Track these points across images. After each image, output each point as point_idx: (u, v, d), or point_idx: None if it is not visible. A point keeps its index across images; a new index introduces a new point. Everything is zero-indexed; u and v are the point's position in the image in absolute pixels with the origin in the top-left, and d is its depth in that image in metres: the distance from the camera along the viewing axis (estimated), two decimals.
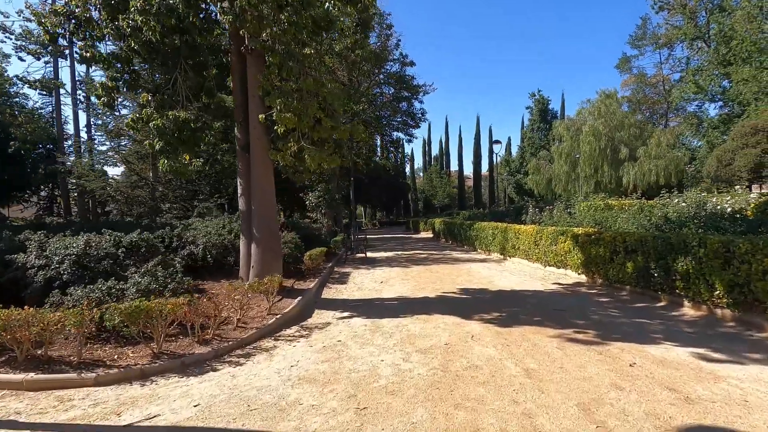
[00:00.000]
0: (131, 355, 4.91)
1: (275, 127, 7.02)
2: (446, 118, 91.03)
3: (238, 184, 8.40)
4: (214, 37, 7.99)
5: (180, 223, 10.97)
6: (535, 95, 52.95)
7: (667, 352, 4.75)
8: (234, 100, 8.37)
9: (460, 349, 5.08)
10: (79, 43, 7.64)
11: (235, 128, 8.43)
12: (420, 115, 23.43)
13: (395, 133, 24.76)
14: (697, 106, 39.28)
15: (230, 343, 5.42)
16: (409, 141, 25.02)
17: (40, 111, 26.12)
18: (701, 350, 4.79)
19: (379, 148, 36.83)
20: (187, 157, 8.52)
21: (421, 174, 73.62)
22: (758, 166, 28.81)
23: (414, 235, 33.33)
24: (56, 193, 26.16)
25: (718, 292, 6.10)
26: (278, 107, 6.78)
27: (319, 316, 7.09)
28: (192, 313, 5.21)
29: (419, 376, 4.26)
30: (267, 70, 7.01)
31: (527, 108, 54.08)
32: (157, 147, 7.58)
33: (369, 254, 17.41)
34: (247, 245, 8.12)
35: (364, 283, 10.46)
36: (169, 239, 8.64)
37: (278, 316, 6.55)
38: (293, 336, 5.97)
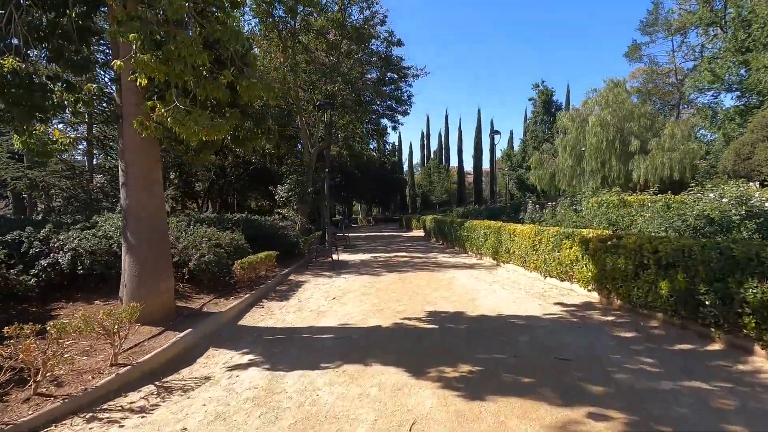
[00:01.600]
0: None
1: (131, 77, 4.70)
2: (446, 111, 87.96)
3: (119, 168, 6.06)
4: None
5: (68, 220, 8.63)
6: (538, 86, 50.53)
7: None
8: (112, 49, 6.04)
9: None
10: None
11: (115, 90, 6.10)
12: (407, 98, 20.96)
13: (382, 120, 22.28)
14: (712, 96, 36.61)
15: None
16: (395, 128, 22.50)
17: None
18: None
19: (375, 142, 34.12)
20: (56, 132, 6.21)
21: (419, 169, 71.23)
22: None
23: (405, 234, 31.00)
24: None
25: None
26: (135, 45, 4.43)
27: (205, 363, 4.77)
28: None
29: None
30: None
31: (530, 100, 51.67)
32: None
33: (343, 257, 15.11)
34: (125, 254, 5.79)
35: (311, 299, 8.14)
36: (28, 244, 6.33)
37: (127, 369, 4.22)
38: (125, 410, 3.64)
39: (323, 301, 7.94)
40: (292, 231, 16.08)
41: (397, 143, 69.29)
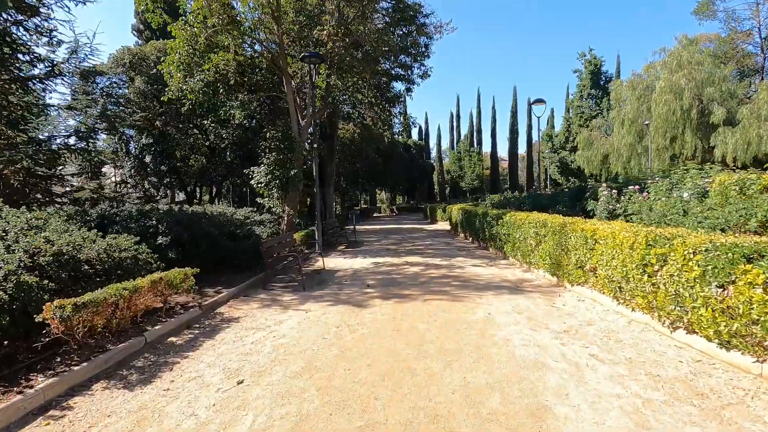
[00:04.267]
0: None
1: None
2: (478, 90, 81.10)
3: None
4: None
5: None
6: (585, 55, 44.42)
7: None
8: None
9: None
10: None
11: None
12: (424, 49, 16.15)
13: (394, 84, 17.69)
14: None
15: None
16: (409, 90, 17.79)
17: None
18: None
19: (400, 118, 28.89)
20: None
21: (448, 154, 65.97)
22: None
23: (428, 226, 26.49)
24: None
25: None
26: None
27: None
28: None
29: None
30: None
31: (575, 72, 45.55)
32: None
33: (334, 262, 11.02)
34: None
35: (194, 382, 3.97)
36: None
37: None
38: None
39: (213, 392, 3.76)
40: (269, 228, 12.02)
41: (423, 125, 64.29)
